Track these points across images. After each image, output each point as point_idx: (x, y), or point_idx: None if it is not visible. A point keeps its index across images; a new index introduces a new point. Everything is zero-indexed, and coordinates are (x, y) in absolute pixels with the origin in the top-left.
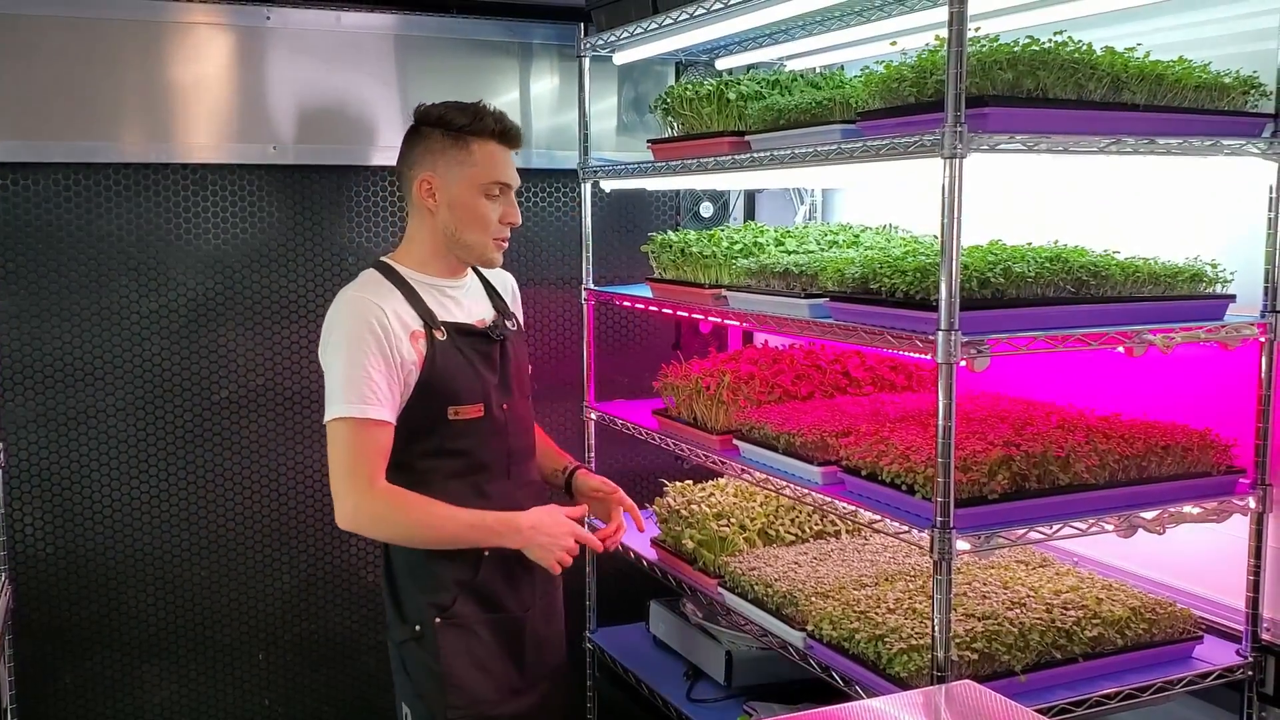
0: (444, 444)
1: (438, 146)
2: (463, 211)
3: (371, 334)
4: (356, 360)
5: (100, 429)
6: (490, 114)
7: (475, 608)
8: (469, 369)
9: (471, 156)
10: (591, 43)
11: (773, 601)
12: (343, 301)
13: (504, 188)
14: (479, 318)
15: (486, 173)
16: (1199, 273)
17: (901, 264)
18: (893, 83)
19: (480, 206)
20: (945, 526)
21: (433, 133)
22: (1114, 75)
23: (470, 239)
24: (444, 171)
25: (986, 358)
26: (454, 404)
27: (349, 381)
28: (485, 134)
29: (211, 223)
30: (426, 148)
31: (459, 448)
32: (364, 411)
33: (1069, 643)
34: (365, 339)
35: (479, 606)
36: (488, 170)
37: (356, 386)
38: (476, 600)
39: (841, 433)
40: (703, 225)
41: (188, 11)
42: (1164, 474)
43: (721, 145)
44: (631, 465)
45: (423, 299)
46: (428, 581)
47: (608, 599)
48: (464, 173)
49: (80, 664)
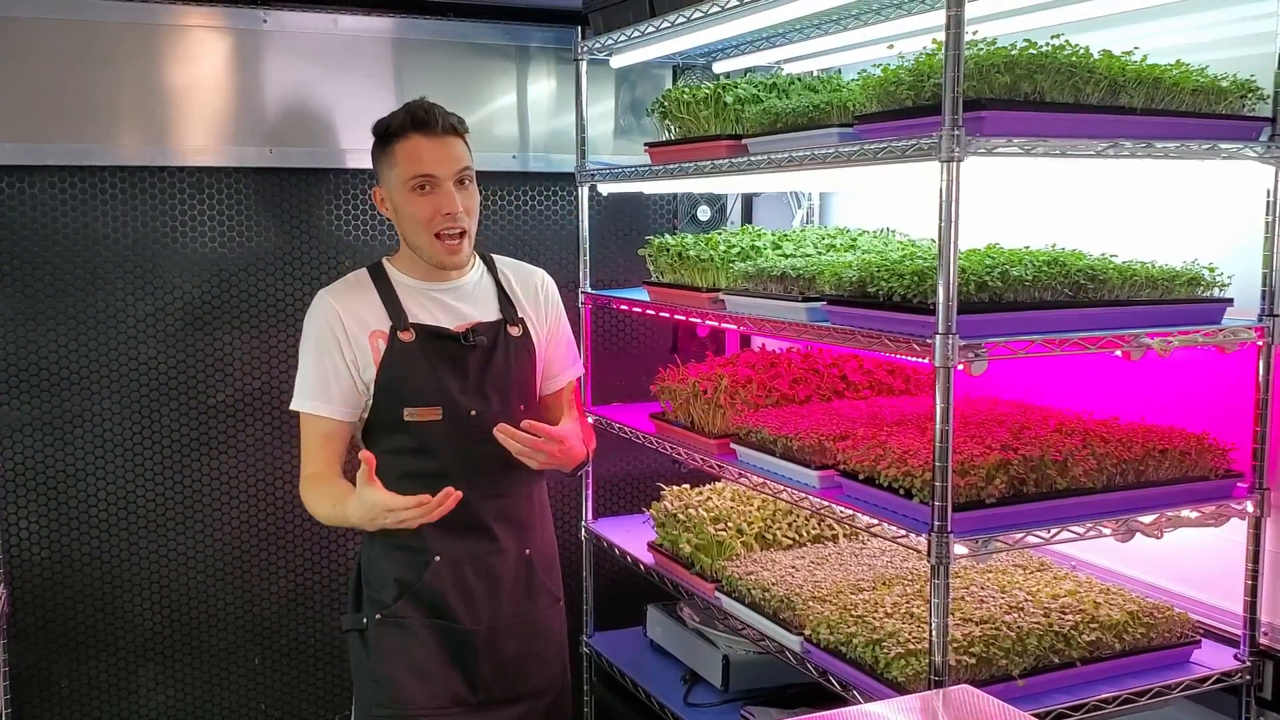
0: (401, 443)
1: (378, 156)
2: (402, 215)
3: (329, 332)
4: (309, 355)
5: (95, 432)
6: (408, 107)
7: (417, 611)
8: (429, 372)
9: (394, 157)
10: (589, 46)
11: (770, 606)
12: (315, 300)
13: (429, 179)
14: (468, 321)
15: (406, 169)
16: (1196, 276)
17: (899, 267)
18: (890, 86)
19: (409, 205)
20: (943, 530)
21: (375, 145)
22: (1111, 79)
23: (415, 241)
24: (384, 180)
25: (984, 361)
26: (409, 405)
27: (301, 375)
28: (403, 131)
29: (207, 226)
30: (375, 160)
31: (414, 449)
32: (314, 407)
33: (1067, 647)
34: (324, 336)
35: (422, 611)
36: (407, 166)
37: (304, 380)
38: (419, 604)
39: (839, 436)
40: (700, 229)
41: (184, 14)
42: (1162, 478)
43: (719, 149)
44: (628, 469)
45: (400, 300)
46: (375, 579)
47: (605, 603)
48: (392, 175)
49: (76, 668)
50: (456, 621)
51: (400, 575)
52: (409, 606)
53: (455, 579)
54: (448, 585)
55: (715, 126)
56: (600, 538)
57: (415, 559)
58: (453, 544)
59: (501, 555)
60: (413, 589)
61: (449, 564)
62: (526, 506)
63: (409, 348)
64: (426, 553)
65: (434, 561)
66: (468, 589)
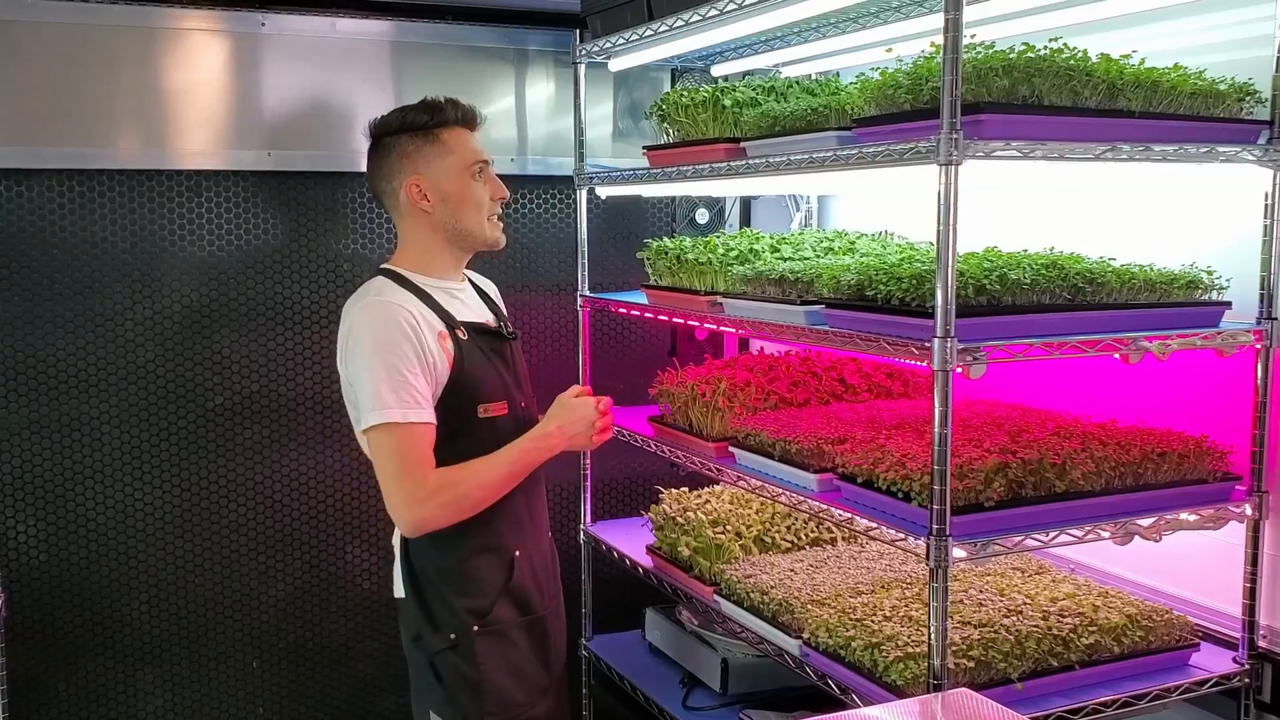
0: (475, 442)
1: (411, 148)
2: (456, 200)
3: (404, 337)
4: (392, 364)
5: (93, 436)
6: (447, 103)
7: (511, 611)
8: (491, 367)
9: (446, 146)
10: (587, 49)
11: (769, 609)
12: (368, 308)
13: (484, 165)
14: (485, 318)
15: (466, 155)
16: (1195, 279)
17: (897, 271)
18: (888, 89)
19: (471, 190)
20: (941, 534)
21: (399, 138)
22: (1109, 82)
23: (469, 224)
24: (426, 169)
25: (982, 365)
26: (482, 402)
27: (389, 386)
28: (451, 123)
29: (206, 229)
30: (401, 153)
31: (488, 445)
32: (406, 415)
33: (1065, 650)
34: (399, 342)
35: (515, 610)
36: (466, 154)
37: (396, 390)
38: (513, 603)
39: (837, 440)
40: (699, 232)
41: (182, 17)
42: (1160, 481)
43: (717, 152)
44: (627, 472)
45: (437, 300)
46: (466, 587)
47: (603, 606)
48: (446, 163)
49: (73, 672)
50: (536, 612)
51: (492, 579)
52: (505, 609)
53: (532, 573)
54: (528, 580)
55: (714, 130)
56: (599, 541)
57: (502, 559)
58: (523, 539)
59: (543, 540)
60: (506, 589)
61: (525, 559)
62: (542, 495)
63: (470, 345)
64: (507, 550)
65: (515, 558)
66: (538, 580)
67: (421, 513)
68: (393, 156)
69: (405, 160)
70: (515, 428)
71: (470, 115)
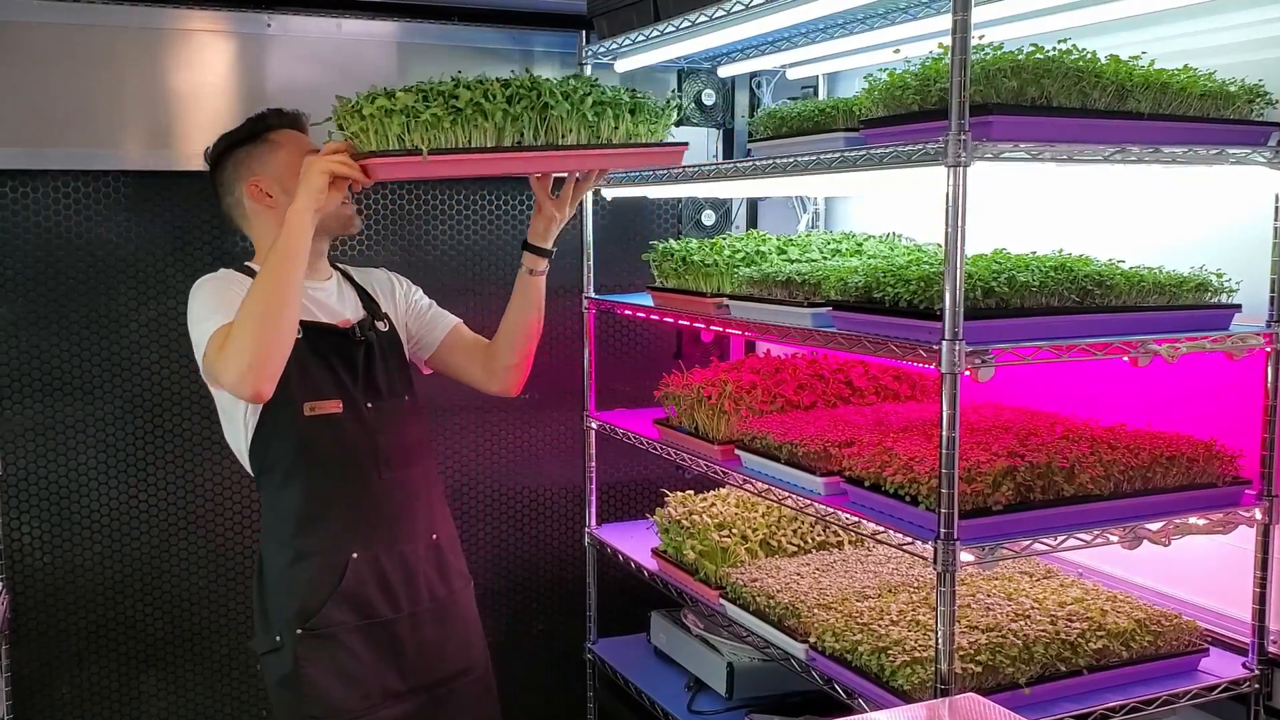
0: (305, 441)
1: (243, 155)
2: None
3: (236, 292)
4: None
5: (98, 438)
6: (270, 112)
7: (347, 614)
8: (324, 366)
9: (276, 144)
10: (593, 50)
11: (775, 613)
12: (204, 279)
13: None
14: (342, 318)
15: (299, 146)
16: (1204, 282)
17: (905, 273)
18: (896, 91)
19: None
20: (949, 538)
21: (232, 154)
22: (1119, 83)
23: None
24: (262, 168)
25: (991, 368)
26: (310, 399)
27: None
28: (277, 126)
29: (211, 231)
30: (234, 163)
31: (319, 444)
32: (228, 318)
33: (1074, 655)
34: (232, 290)
35: (352, 613)
36: (298, 145)
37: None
38: (348, 606)
39: (844, 443)
40: (705, 233)
41: (187, 18)
42: (1169, 485)
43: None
44: (632, 475)
45: None
46: (289, 591)
47: (608, 610)
48: (279, 156)
49: (77, 674)
50: (380, 617)
51: (319, 582)
52: (334, 612)
53: (374, 574)
54: (369, 584)
55: None
56: (604, 544)
57: (332, 562)
58: (369, 541)
59: (412, 543)
60: (335, 594)
61: (369, 562)
62: (426, 492)
63: (302, 345)
64: (342, 553)
65: (352, 560)
66: (386, 581)
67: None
68: (228, 170)
69: (240, 168)
70: (356, 427)
71: (296, 118)
